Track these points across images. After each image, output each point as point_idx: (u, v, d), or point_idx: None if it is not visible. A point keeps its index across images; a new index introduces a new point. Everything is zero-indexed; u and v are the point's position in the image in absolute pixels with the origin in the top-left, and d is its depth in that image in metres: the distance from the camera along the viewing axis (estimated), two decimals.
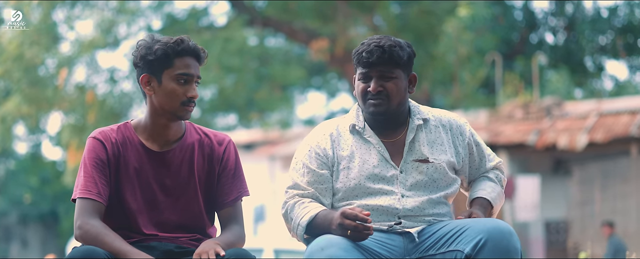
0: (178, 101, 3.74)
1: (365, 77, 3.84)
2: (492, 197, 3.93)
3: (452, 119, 4.01)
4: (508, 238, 3.56)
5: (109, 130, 3.83)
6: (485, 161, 4.06)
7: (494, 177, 4.05)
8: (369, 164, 3.83)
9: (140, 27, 17.28)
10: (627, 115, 18.21)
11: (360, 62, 3.84)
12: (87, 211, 3.67)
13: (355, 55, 3.87)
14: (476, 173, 4.04)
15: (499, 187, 4.02)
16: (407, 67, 3.87)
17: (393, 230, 3.76)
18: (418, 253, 3.71)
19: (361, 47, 3.85)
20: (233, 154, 3.93)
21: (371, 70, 3.81)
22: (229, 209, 3.88)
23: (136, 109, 17.98)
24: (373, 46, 3.80)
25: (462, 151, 3.95)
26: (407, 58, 3.84)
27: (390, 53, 3.78)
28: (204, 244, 3.62)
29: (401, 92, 3.85)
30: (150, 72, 3.76)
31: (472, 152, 3.99)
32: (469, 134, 4.00)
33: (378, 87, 3.80)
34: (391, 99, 3.82)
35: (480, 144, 4.04)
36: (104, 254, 3.51)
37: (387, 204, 3.77)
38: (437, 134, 3.93)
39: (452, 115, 4.04)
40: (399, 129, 3.92)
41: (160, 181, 3.81)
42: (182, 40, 3.76)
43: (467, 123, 4.04)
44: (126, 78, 17.72)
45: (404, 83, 3.86)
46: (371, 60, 3.79)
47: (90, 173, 3.72)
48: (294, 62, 20.59)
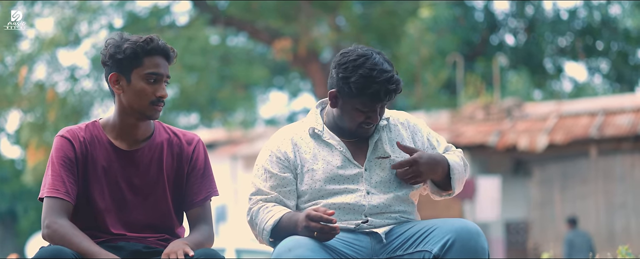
0: (147, 100, 3.72)
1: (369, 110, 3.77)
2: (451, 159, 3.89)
3: (409, 118, 4.02)
4: (476, 238, 3.57)
5: (77, 128, 3.80)
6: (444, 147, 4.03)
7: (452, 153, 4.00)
8: (332, 165, 3.82)
9: (101, 26, 17.16)
10: (586, 117, 18.39)
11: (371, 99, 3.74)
12: (55, 210, 3.64)
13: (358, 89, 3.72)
14: None
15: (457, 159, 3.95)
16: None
17: (360, 229, 3.76)
18: (386, 253, 3.71)
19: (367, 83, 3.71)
20: (202, 153, 3.91)
21: (377, 104, 3.77)
22: (197, 209, 3.87)
23: (97, 108, 17.87)
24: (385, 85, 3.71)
25: (422, 146, 3.94)
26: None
27: (398, 89, 3.77)
28: (172, 244, 3.61)
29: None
30: (119, 71, 3.73)
31: (433, 147, 3.98)
32: (426, 132, 4.00)
33: (379, 117, 3.81)
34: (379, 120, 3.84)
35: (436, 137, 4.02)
36: (71, 254, 3.48)
37: (353, 202, 3.77)
38: (397, 132, 3.93)
39: (408, 116, 4.05)
40: None
41: (129, 180, 3.79)
42: (152, 39, 3.74)
43: (423, 122, 4.06)
44: (87, 76, 17.59)
45: None
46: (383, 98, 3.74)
47: (58, 172, 3.70)
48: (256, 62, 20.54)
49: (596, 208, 17.47)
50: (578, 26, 25.46)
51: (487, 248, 3.60)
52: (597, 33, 25.31)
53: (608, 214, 17.38)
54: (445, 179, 3.88)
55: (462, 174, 3.92)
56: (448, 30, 21.25)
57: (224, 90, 18.28)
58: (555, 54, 26.37)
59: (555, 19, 25.25)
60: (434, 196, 3.98)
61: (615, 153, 17.68)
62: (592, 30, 25.27)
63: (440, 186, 3.92)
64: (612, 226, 17.31)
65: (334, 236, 3.58)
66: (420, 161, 3.77)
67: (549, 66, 26.79)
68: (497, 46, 25.88)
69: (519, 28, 25.84)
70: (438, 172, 3.83)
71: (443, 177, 3.87)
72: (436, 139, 4.01)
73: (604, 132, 17.55)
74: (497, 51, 24.97)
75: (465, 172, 3.98)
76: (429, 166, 3.78)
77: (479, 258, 3.56)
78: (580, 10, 25.47)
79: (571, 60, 26.57)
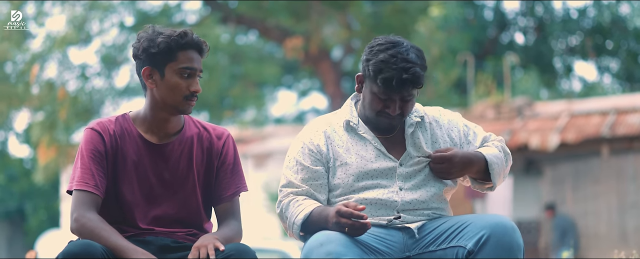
0: (181, 95, 3.68)
1: (386, 99, 3.71)
2: (487, 154, 3.81)
3: (442, 114, 3.94)
4: (511, 233, 3.52)
5: (107, 121, 3.76)
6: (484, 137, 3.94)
7: (491, 144, 3.92)
8: (365, 159, 3.77)
9: (112, 24, 17.14)
10: (598, 116, 18.31)
11: (384, 84, 3.67)
12: (84, 203, 3.59)
13: (375, 72, 3.67)
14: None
15: (495, 150, 3.87)
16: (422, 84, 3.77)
17: (392, 225, 3.71)
18: (418, 249, 3.66)
19: (384, 67, 3.65)
20: (232, 148, 3.87)
21: (394, 94, 3.69)
22: (226, 204, 3.83)
23: (108, 106, 17.83)
24: (400, 72, 3.63)
25: (459, 142, 3.88)
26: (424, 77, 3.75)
27: (414, 80, 3.65)
28: (202, 239, 3.56)
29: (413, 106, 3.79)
30: (153, 65, 3.68)
31: (467, 135, 3.91)
32: (462, 126, 3.92)
33: (398, 110, 3.73)
34: (405, 116, 3.76)
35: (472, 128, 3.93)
36: (101, 249, 3.43)
37: (385, 197, 3.71)
38: (433, 132, 3.86)
39: (443, 110, 3.97)
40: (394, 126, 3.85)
41: (159, 175, 3.74)
42: (186, 33, 3.69)
43: (459, 115, 3.97)
44: (98, 75, 17.56)
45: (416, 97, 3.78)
46: (395, 86, 3.65)
47: (88, 165, 3.65)
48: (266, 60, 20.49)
49: (608, 207, 17.39)
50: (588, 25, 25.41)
51: (523, 244, 3.55)
52: (607, 32, 25.25)
53: (620, 214, 17.30)
54: (485, 173, 3.81)
55: (502, 166, 3.85)
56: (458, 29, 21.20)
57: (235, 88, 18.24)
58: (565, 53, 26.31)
59: (565, 18, 25.19)
60: (476, 189, 3.92)
61: (627, 152, 17.60)
62: (602, 29, 25.21)
63: (481, 180, 3.85)
64: (624, 225, 17.24)
65: (365, 231, 3.53)
66: (453, 159, 3.72)
67: (558, 65, 26.72)
68: (507, 45, 25.83)
69: (529, 27, 25.79)
70: (472, 171, 3.78)
71: (481, 173, 3.80)
72: (473, 131, 3.93)
73: (616, 132, 17.46)
74: (506, 50, 24.91)
75: (507, 163, 3.91)
76: (462, 165, 3.73)
77: (514, 254, 3.51)
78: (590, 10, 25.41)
79: (581, 60, 26.50)
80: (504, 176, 3.91)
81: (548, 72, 26.55)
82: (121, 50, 17.54)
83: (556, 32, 25.33)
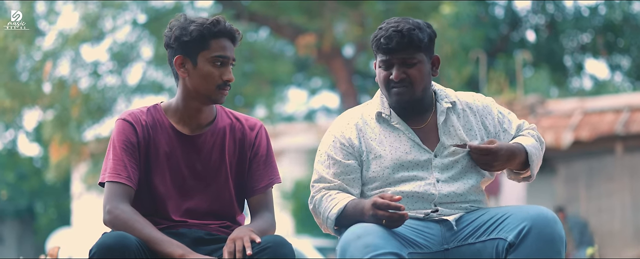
0: (214, 84, 3.62)
1: (387, 64, 3.69)
2: (527, 144, 3.74)
3: (477, 99, 3.86)
4: (552, 225, 3.45)
5: (139, 112, 3.70)
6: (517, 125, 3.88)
7: (527, 133, 3.85)
8: (400, 151, 3.70)
9: (125, 21, 17.10)
10: (611, 113, 18.22)
11: (379, 49, 3.67)
12: (117, 195, 3.53)
13: (374, 41, 3.69)
14: (510, 138, 3.86)
15: (533, 140, 3.81)
16: (428, 49, 3.71)
17: (430, 218, 3.63)
18: (456, 241, 3.59)
19: (379, 33, 3.67)
20: (265, 139, 3.80)
21: (392, 57, 3.65)
22: (260, 196, 3.76)
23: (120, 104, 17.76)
24: (391, 31, 3.63)
25: (493, 129, 3.80)
26: (428, 40, 3.68)
27: (410, 37, 3.62)
28: (237, 231, 3.50)
29: (425, 77, 3.70)
30: (185, 53, 3.62)
31: (502, 123, 3.83)
32: (496, 112, 3.85)
33: (401, 74, 3.65)
34: (415, 85, 3.68)
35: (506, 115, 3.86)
36: (135, 241, 3.37)
37: (422, 191, 3.64)
38: (466, 119, 3.79)
39: (476, 95, 3.89)
40: (425, 115, 3.78)
41: (191, 166, 3.68)
42: (218, 21, 3.63)
43: (492, 101, 3.90)
44: (110, 72, 17.51)
45: (427, 67, 3.71)
46: (391, 46, 3.62)
47: (120, 156, 3.59)
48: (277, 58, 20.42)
49: (622, 205, 17.31)
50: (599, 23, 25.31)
51: (564, 235, 3.47)
52: (618, 30, 25.16)
53: (634, 212, 17.22)
54: (523, 164, 3.74)
55: (539, 156, 3.79)
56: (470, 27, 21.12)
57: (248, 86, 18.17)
58: (576, 51, 26.22)
59: (576, 16, 25.10)
60: (511, 179, 3.86)
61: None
62: (613, 27, 25.11)
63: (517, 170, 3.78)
64: (638, 223, 17.16)
65: (403, 223, 3.46)
66: (498, 153, 3.63)
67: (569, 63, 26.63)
68: (518, 43, 25.73)
69: (541, 25, 25.70)
70: (514, 164, 3.70)
71: (521, 164, 3.73)
72: (508, 119, 3.86)
73: (630, 129, 17.38)
74: (518, 48, 24.82)
75: (542, 151, 3.85)
76: (506, 158, 3.65)
77: (556, 245, 3.43)
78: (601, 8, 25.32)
79: (592, 58, 26.41)
80: (539, 166, 3.84)
81: (559, 70, 26.45)
82: (133, 48, 17.49)
83: (568, 30, 25.23)
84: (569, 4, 26.01)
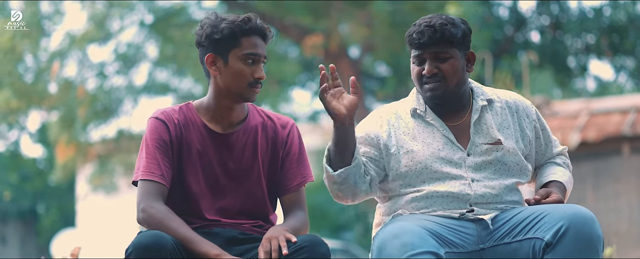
0: (245, 82, 3.59)
1: (419, 59, 3.68)
2: (565, 180, 3.77)
3: (517, 99, 3.84)
4: (591, 224, 3.41)
5: (171, 110, 3.67)
6: (552, 146, 3.90)
7: (562, 163, 3.89)
8: (433, 147, 3.67)
9: (132, 22, 17.07)
10: (618, 114, 18.19)
11: (412, 44, 3.67)
12: (151, 193, 3.50)
13: (407, 37, 3.70)
14: (541, 159, 3.88)
15: (568, 173, 3.85)
16: (463, 45, 3.70)
17: (465, 217, 3.60)
18: (492, 240, 3.54)
19: (412, 29, 3.68)
20: (297, 138, 3.77)
21: (424, 52, 3.65)
22: (292, 194, 3.73)
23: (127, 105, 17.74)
24: (423, 26, 3.64)
25: (530, 134, 3.78)
26: (461, 35, 3.67)
27: (442, 32, 3.61)
28: (272, 230, 3.47)
29: (458, 72, 3.67)
30: (216, 51, 3.60)
31: (538, 136, 3.83)
32: (535, 117, 3.84)
33: (433, 69, 3.64)
34: (448, 80, 3.66)
35: (546, 128, 3.89)
36: (171, 240, 3.34)
37: (457, 191, 3.60)
38: (504, 117, 3.76)
39: (517, 96, 3.86)
40: (461, 112, 3.75)
41: (223, 165, 3.65)
42: (250, 18, 3.61)
43: (532, 105, 3.89)
44: (116, 73, 17.48)
45: (461, 62, 3.69)
46: (423, 41, 3.62)
47: (154, 154, 3.56)
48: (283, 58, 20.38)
49: (629, 206, 17.28)
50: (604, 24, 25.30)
51: (602, 235, 3.44)
52: (623, 31, 25.15)
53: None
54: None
55: (571, 186, 3.83)
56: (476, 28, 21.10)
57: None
58: (580, 52, 26.21)
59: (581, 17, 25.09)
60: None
61: None
62: (618, 28, 25.10)
63: None
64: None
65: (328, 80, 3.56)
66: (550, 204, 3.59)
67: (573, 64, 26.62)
68: (523, 44, 25.71)
69: (545, 26, 25.68)
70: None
71: None
72: (550, 137, 3.89)
73: (637, 130, 17.36)
74: (523, 49, 24.81)
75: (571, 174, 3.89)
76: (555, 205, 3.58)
77: (594, 245, 3.39)
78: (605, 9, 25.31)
79: (597, 59, 26.39)
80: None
81: (563, 71, 26.44)
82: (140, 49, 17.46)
83: (572, 31, 25.22)
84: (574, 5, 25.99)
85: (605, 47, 25.53)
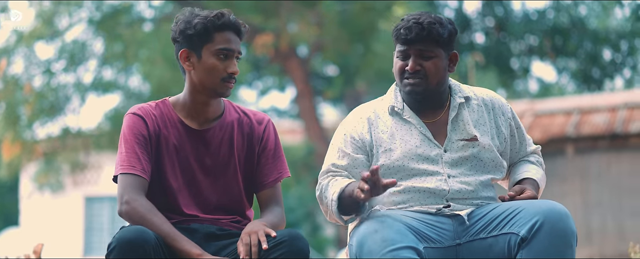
0: (218, 77, 3.61)
1: (404, 54, 3.71)
2: (539, 178, 3.83)
3: (494, 97, 3.89)
4: (565, 219, 3.46)
5: (148, 106, 3.69)
6: (526, 144, 3.97)
7: (535, 161, 3.96)
8: (410, 144, 3.70)
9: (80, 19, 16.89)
10: (562, 115, 18.44)
11: (398, 39, 3.70)
12: (134, 187, 3.51)
13: (394, 31, 3.72)
14: (515, 157, 3.94)
15: (542, 171, 3.91)
16: (447, 45, 3.74)
17: (442, 213, 3.64)
18: (468, 236, 3.58)
19: (400, 24, 3.71)
20: (273, 134, 3.80)
21: (409, 48, 3.68)
22: (269, 190, 3.76)
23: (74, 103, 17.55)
24: (412, 22, 3.66)
25: (505, 131, 3.84)
26: (448, 36, 3.72)
27: (429, 30, 3.65)
28: (251, 225, 3.48)
29: (440, 71, 3.71)
30: (190, 47, 3.62)
31: (513, 134, 3.89)
32: (510, 115, 3.90)
33: (416, 66, 3.68)
34: (429, 78, 3.69)
35: (521, 126, 3.94)
36: (153, 236, 3.35)
37: (434, 187, 3.64)
38: (480, 114, 3.81)
39: (494, 94, 3.92)
40: (439, 110, 3.79)
41: (200, 160, 3.67)
42: (222, 14, 3.64)
43: (508, 104, 3.94)
44: (64, 70, 17.28)
45: (444, 62, 3.73)
46: (410, 37, 3.65)
47: (133, 149, 3.57)
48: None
49: (573, 206, 17.50)
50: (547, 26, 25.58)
51: (576, 230, 3.50)
52: (566, 33, 25.46)
53: (585, 213, 17.43)
54: None
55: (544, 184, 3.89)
56: None
57: None
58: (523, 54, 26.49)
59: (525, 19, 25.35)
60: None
61: (591, 152, 17.74)
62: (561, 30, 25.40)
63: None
64: (589, 224, 17.37)
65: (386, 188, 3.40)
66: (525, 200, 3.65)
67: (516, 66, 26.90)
68: (468, 45, 25.92)
69: (490, 27, 25.92)
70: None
71: None
72: (525, 136, 3.95)
73: (581, 131, 17.61)
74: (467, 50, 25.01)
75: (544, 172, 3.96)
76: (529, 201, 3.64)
77: (568, 240, 3.44)
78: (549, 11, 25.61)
79: (540, 60, 26.69)
80: None
81: (506, 72, 26.70)
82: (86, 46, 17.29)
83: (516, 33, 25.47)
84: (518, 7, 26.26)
85: (548, 49, 25.82)
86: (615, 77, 26.68)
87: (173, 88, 16.11)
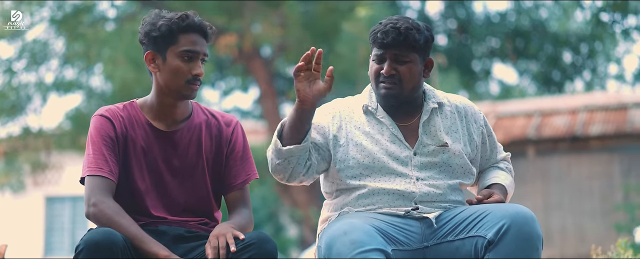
0: (183, 79, 3.61)
1: (380, 58, 3.74)
2: (507, 184, 3.88)
3: (467, 104, 3.94)
4: (531, 223, 3.50)
5: (115, 108, 3.68)
6: (496, 151, 4.01)
7: (505, 168, 4.00)
8: (381, 143, 3.74)
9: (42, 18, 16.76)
10: (523, 117, 18.57)
11: (375, 42, 3.73)
12: (101, 189, 3.49)
13: (371, 34, 3.75)
14: (486, 164, 3.98)
15: (511, 177, 3.96)
16: (423, 51, 3.76)
17: (410, 215, 3.66)
18: (436, 238, 3.62)
19: (377, 27, 3.74)
20: (241, 136, 3.80)
21: (386, 52, 3.71)
22: (237, 192, 3.76)
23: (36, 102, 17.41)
24: (389, 27, 3.70)
25: (477, 139, 3.88)
26: (424, 42, 3.74)
27: (406, 36, 3.68)
28: (219, 228, 3.48)
29: (415, 77, 3.74)
30: (155, 49, 3.62)
31: (485, 142, 3.93)
32: (482, 123, 3.94)
33: (391, 70, 3.71)
34: (404, 83, 3.72)
35: (492, 134, 3.98)
36: (121, 238, 3.34)
37: (403, 189, 3.67)
38: (453, 121, 3.85)
39: (467, 101, 3.97)
40: (413, 114, 3.82)
41: (168, 162, 3.66)
42: (187, 16, 3.64)
43: (480, 111, 3.98)
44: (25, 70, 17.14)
45: (419, 67, 3.76)
46: (386, 41, 3.68)
47: (100, 151, 3.55)
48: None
49: (534, 208, 17.62)
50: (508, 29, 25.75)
51: (541, 234, 3.54)
52: (527, 36, 25.65)
53: (545, 215, 17.56)
54: None
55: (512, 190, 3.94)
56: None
57: None
58: (485, 56, 26.65)
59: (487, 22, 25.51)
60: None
61: (552, 154, 17.88)
62: (522, 33, 25.58)
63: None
64: (549, 226, 17.50)
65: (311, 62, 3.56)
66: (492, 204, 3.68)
67: (478, 68, 27.05)
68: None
69: (452, 29, 26.05)
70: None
71: None
72: (496, 144, 4.00)
73: (542, 133, 17.75)
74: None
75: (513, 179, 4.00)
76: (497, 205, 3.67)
77: (534, 243, 3.48)
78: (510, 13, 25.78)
79: (501, 62, 26.86)
80: None
81: (468, 74, 26.85)
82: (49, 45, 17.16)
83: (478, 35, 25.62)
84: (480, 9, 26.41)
85: (510, 51, 26.00)
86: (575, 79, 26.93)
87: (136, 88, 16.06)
